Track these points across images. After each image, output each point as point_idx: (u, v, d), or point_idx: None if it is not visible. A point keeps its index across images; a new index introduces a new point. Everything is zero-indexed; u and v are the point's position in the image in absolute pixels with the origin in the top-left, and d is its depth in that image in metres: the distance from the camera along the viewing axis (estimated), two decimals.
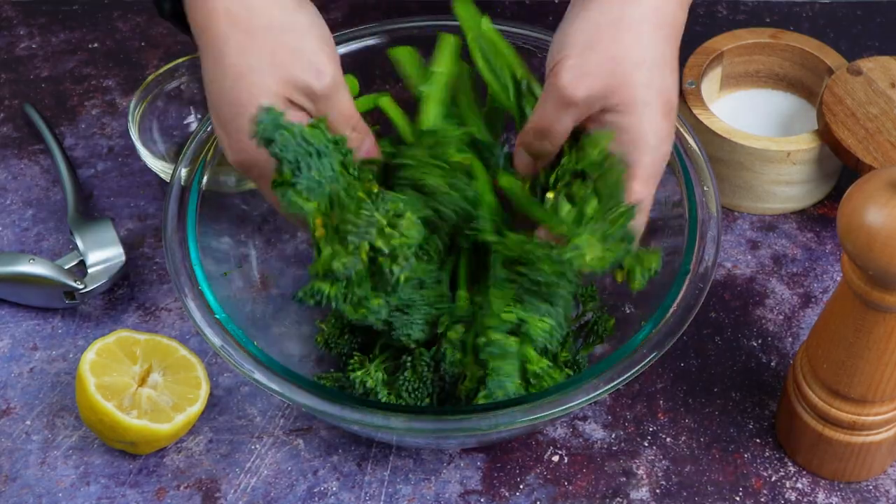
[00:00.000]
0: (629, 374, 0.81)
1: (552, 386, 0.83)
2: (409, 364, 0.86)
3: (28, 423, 0.94)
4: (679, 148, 0.92)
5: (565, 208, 0.82)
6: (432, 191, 0.85)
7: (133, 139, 1.04)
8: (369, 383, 0.86)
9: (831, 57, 1.07)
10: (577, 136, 0.83)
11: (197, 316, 0.84)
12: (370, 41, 0.98)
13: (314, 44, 0.83)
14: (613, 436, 0.93)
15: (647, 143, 0.81)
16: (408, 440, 0.90)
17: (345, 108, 0.85)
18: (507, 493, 0.90)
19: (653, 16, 0.81)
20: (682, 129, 0.93)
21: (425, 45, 0.99)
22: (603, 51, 0.80)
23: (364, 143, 0.86)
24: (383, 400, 0.86)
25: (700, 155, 0.91)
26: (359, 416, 0.80)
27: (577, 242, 0.81)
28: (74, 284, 0.97)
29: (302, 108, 0.83)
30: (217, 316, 0.84)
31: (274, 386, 0.81)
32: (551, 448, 0.92)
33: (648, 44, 0.81)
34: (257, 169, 0.84)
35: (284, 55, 0.82)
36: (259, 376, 0.82)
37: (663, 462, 0.91)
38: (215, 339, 0.83)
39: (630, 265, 0.84)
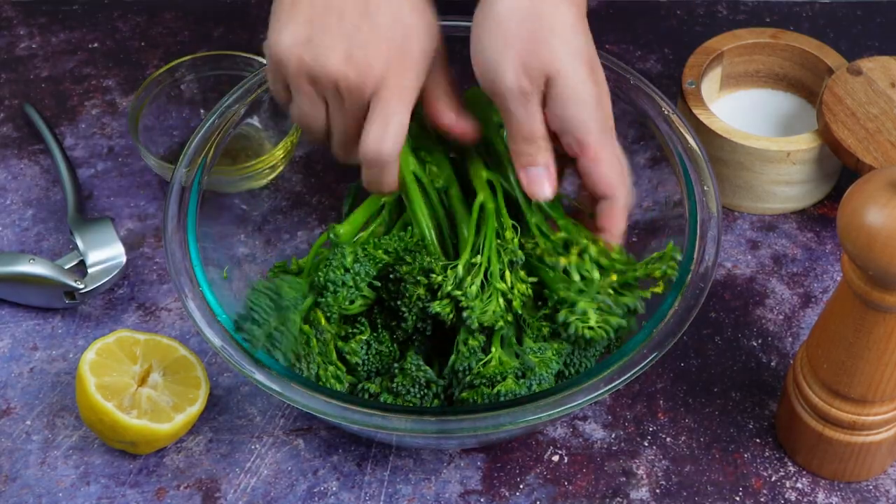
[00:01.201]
0: (630, 374, 0.81)
1: (553, 386, 0.83)
2: (396, 370, 0.86)
3: (28, 423, 0.94)
4: (679, 147, 0.92)
5: (576, 276, 0.86)
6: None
7: (133, 139, 1.04)
8: (372, 389, 0.87)
9: (831, 57, 1.07)
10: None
11: (197, 316, 0.84)
12: None
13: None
14: (613, 436, 0.93)
15: (582, 100, 0.83)
16: (408, 440, 0.90)
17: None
18: (507, 493, 0.90)
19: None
20: (682, 129, 0.93)
21: None
22: (525, 36, 0.83)
23: None
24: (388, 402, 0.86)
25: (700, 154, 0.91)
26: (359, 417, 0.80)
27: (582, 307, 0.85)
28: (74, 284, 0.97)
29: None
30: (218, 317, 0.84)
31: (274, 386, 0.81)
32: (551, 448, 0.92)
33: (560, 15, 0.83)
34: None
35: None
36: (259, 377, 0.82)
37: (663, 462, 0.91)
38: (215, 340, 0.83)
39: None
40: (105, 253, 0.99)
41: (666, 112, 0.93)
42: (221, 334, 0.84)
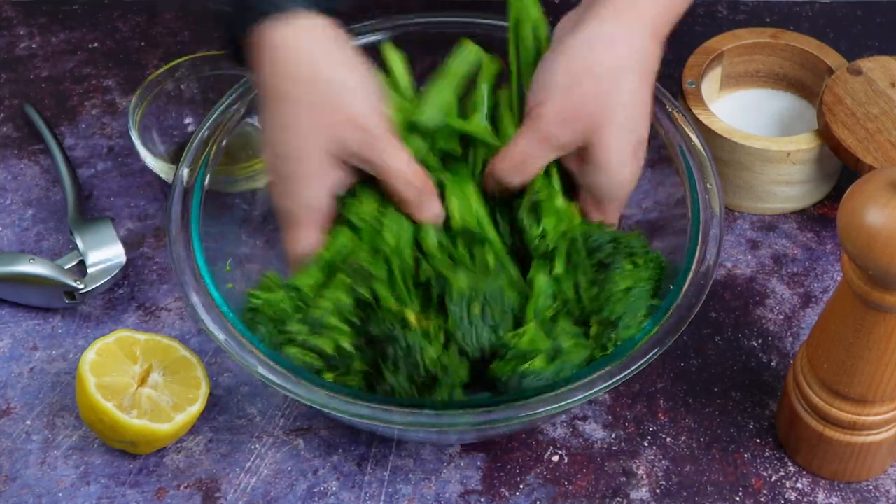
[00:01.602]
0: (629, 370, 0.81)
1: (553, 382, 0.83)
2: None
3: (28, 423, 0.94)
4: (683, 146, 0.92)
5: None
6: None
7: (133, 139, 1.04)
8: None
9: (831, 57, 1.07)
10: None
11: (201, 312, 0.84)
12: (373, 37, 0.98)
13: (360, 100, 0.85)
14: (613, 436, 0.93)
15: (618, 178, 0.88)
16: (409, 434, 0.90)
17: (395, 162, 0.86)
18: (507, 493, 0.90)
19: (630, 61, 0.86)
20: (686, 128, 0.93)
21: (427, 43, 0.99)
22: (585, 94, 0.85)
23: (423, 203, 0.88)
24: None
25: (704, 153, 0.92)
26: (359, 410, 0.80)
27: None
28: (74, 284, 0.97)
29: (349, 164, 0.86)
30: (222, 310, 0.84)
31: (277, 380, 0.81)
32: (551, 448, 0.92)
33: (625, 86, 0.85)
34: (289, 217, 0.87)
35: (329, 110, 0.84)
36: (262, 370, 0.82)
37: (663, 462, 0.91)
38: (220, 335, 0.83)
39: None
40: (105, 253, 0.99)
41: (670, 110, 0.93)
42: (225, 328, 0.84)
